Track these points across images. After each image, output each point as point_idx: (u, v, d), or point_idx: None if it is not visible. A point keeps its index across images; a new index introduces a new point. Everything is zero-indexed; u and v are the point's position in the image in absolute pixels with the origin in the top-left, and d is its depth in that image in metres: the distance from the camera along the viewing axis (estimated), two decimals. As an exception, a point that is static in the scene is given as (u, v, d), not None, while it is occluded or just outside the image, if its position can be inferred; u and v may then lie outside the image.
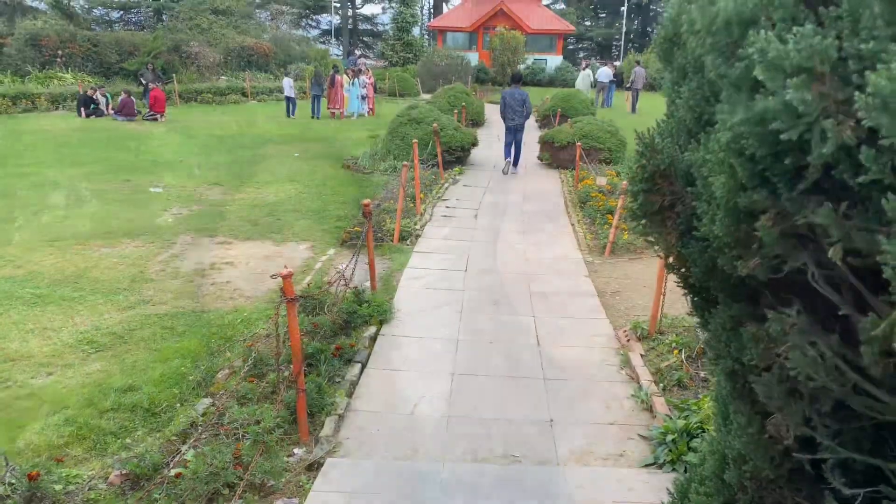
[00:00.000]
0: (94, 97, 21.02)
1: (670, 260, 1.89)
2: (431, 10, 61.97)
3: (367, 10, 64.47)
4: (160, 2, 46.16)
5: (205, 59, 29.38)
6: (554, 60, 42.04)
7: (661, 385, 5.05)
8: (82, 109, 20.56)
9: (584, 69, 29.74)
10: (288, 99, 22.56)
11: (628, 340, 5.81)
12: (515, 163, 13.73)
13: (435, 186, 11.78)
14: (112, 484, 3.79)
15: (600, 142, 13.69)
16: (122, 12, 50.17)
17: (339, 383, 4.94)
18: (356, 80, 22.59)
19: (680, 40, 1.51)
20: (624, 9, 48.20)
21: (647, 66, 36.81)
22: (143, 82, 23.26)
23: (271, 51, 34.65)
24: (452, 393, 4.89)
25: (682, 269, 1.86)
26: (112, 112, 20.68)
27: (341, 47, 56.02)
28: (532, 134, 18.48)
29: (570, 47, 57.15)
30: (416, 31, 44.96)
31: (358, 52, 43.53)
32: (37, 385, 4.99)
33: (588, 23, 58.60)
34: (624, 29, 49.23)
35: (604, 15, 60.34)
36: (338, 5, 58.49)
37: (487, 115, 22.51)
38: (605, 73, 28.10)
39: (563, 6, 56.38)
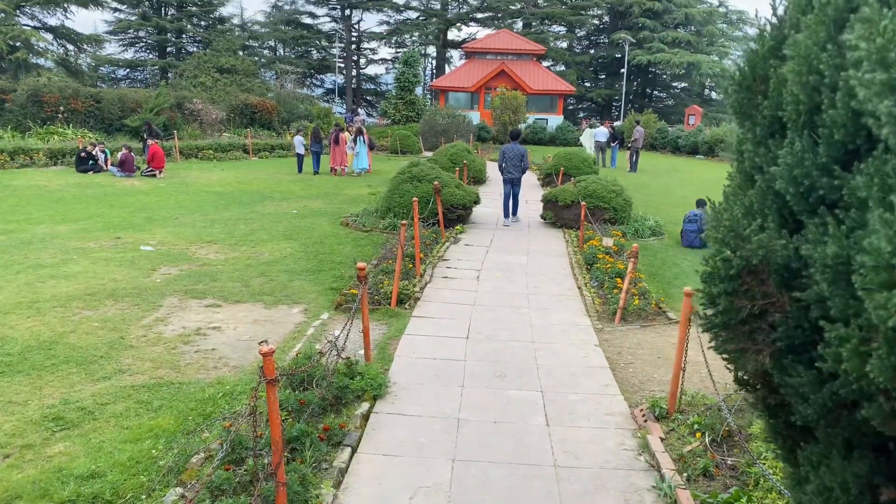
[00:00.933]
0: (94, 153, 20.89)
1: (741, 375, 1.45)
2: (434, 71, 63.05)
3: (371, 69, 65.66)
4: (166, 60, 46.99)
5: (207, 116, 29.49)
6: (555, 120, 42.40)
7: (685, 475, 4.53)
8: (81, 161, 20.44)
9: (588, 127, 29.91)
10: (298, 156, 23.03)
11: (646, 421, 5.30)
12: (515, 211, 14.28)
13: (436, 246, 11.40)
14: None
15: (605, 201, 13.39)
16: (128, 70, 51.06)
17: (326, 470, 4.42)
18: (359, 137, 22.63)
19: (767, 86, 1.09)
20: (624, 71, 48.88)
21: (647, 127, 37.23)
22: (144, 138, 23.26)
23: (275, 108, 34.90)
24: (452, 483, 4.36)
25: (759, 387, 1.41)
26: (110, 167, 20.52)
27: (345, 105, 56.74)
28: (534, 192, 18.26)
29: (571, 107, 57.88)
30: (418, 90, 45.50)
31: (361, 112, 43.95)
32: (-11, 470, 4.47)
33: (588, 84, 59.46)
34: (624, 90, 49.82)
35: (604, 76, 61.28)
36: (342, 65, 59.53)
37: (489, 173, 22.35)
38: (603, 132, 28.26)
39: (563, 68, 57.28)
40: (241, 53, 47.03)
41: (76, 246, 10.89)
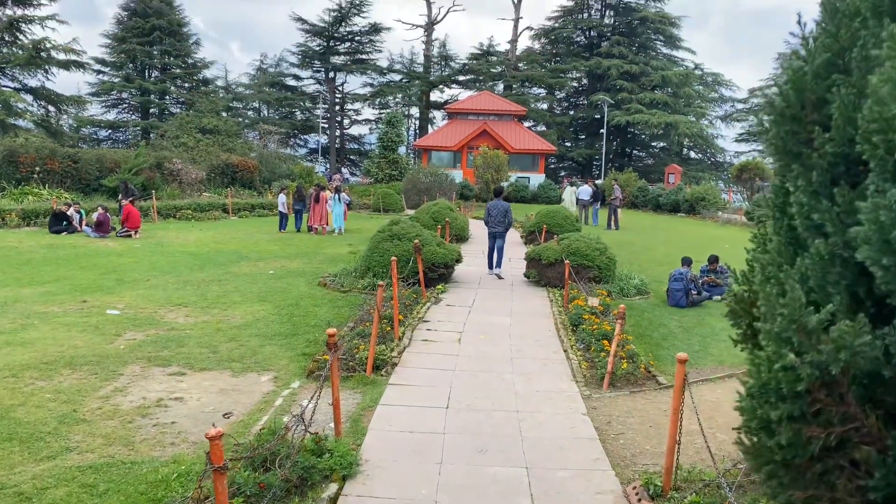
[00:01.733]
0: (68, 213, 20.46)
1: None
2: (417, 131, 63.75)
3: (355, 129, 66.27)
4: (149, 121, 47.09)
5: (187, 176, 29.26)
6: (537, 178, 42.74)
7: (687, 564, 4.09)
8: (55, 221, 20.03)
9: (569, 185, 30.09)
10: (281, 214, 23.24)
11: (640, 500, 4.86)
12: (499, 264, 14.68)
13: (416, 306, 11.00)
14: None
15: (589, 259, 13.12)
16: (110, 131, 51.02)
17: (285, 566, 3.93)
18: (338, 195, 22.58)
19: (823, 113, 0.78)
20: (603, 131, 49.64)
21: (628, 185, 37.68)
22: (120, 198, 22.95)
23: (256, 168, 34.79)
24: (428, 579, 3.88)
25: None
26: (84, 227, 20.08)
27: (328, 165, 56.96)
28: (517, 250, 18.02)
29: (552, 166, 58.54)
30: (401, 149, 45.82)
31: (345, 171, 44.07)
32: None
33: (568, 143, 60.34)
34: (604, 149, 50.50)
35: (584, 136, 62.28)
36: (325, 126, 60.01)
37: (471, 231, 22.14)
38: (586, 190, 28.36)
39: (544, 128, 58.17)
40: (224, 114, 47.26)
41: (38, 310, 10.37)
